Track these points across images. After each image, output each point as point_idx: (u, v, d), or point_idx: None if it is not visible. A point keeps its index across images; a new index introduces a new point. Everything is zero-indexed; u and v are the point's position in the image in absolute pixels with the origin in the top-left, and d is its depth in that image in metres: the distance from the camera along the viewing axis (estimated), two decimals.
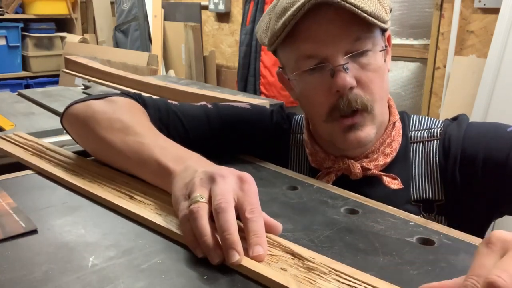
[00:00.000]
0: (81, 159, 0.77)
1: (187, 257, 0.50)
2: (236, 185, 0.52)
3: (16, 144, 0.84)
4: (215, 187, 0.51)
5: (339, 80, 0.68)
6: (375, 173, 0.76)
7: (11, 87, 3.61)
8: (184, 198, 0.53)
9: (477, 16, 2.20)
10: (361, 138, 0.72)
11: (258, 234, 0.48)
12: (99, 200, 0.63)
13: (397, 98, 2.57)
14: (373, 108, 0.71)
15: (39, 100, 1.31)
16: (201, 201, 0.50)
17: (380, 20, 0.68)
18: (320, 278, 0.45)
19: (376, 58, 0.71)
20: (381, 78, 0.72)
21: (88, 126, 0.71)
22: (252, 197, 0.51)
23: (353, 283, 0.44)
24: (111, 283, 0.45)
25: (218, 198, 0.49)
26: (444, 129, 0.78)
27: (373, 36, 0.70)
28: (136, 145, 0.65)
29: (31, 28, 3.88)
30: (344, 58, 0.68)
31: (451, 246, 0.54)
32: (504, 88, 2.04)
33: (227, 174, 0.52)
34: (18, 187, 0.68)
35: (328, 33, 0.68)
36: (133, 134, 0.66)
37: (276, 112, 0.90)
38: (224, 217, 0.47)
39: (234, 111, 0.87)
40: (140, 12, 3.75)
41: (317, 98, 0.72)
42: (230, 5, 3.45)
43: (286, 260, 0.48)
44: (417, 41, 2.49)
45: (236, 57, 3.34)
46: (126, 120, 0.69)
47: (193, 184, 0.52)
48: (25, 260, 0.49)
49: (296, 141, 0.86)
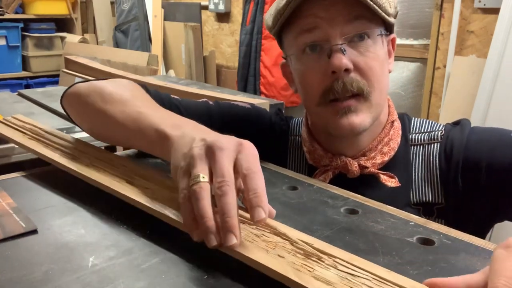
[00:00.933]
0: (82, 143, 0.76)
1: (187, 257, 0.51)
2: (235, 152, 0.50)
3: (14, 128, 0.84)
4: (215, 165, 0.48)
5: (335, 60, 0.68)
6: (372, 171, 0.76)
7: (11, 87, 3.61)
8: (183, 173, 0.50)
9: (477, 16, 2.20)
10: (355, 124, 0.70)
11: (257, 193, 0.46)
12: (95, 184, 0.63)
13: (397, 98, 2.57)
14: (370, 94, 0.71)
15: (39, 100, 1.31)
16: (203, 181, 0.48)
17: (382, 9, 0.68)
18: (319, 265, 0.44)
19: (376, 47, 0.71)
20: (381, 68, 0.72)
21: (89, 101, 0.71)
22: (250, 158, 0.49)
23: (352, 270, 0.43)
24: (111, 283, 0.45)
25: (219, 180, 0.47)
26: (445, 132, 0.77)
27: (373, 26, 0.70)
28: (135, 114, 0.64)
29: (31, 28, 3.88)
30: (343, 38, 0.69)
31: (451, 246, 0.54)
32: (504, 88, 2.04)
33: (225, 144, 0.50)
34: (18, 187, 0.68)
35: (329, 12, 0.69)
36: (133, 105, 0.66)
37: (275, 114, 0.91)
38: (225, 200, 0.46)
39: (235, 110, 0.88)
40: (140, 12, 3.75)
41: (313, 79, 0.72)
42: (230, 5, 3.45)
43: (284, 246, 0.47)
44: (417, 41, 2.49)
45: (236, 57, 3.34)
46: (127, 94, 0.69)
47: (192, 157, 0.50)
48: (25, 260, 0.49)
49: (294, 143, 0.87)
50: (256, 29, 3.04)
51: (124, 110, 0.66)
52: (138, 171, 0.65)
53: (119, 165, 0.67)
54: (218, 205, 0.46)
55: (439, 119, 2.33)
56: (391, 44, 0.78)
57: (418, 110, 2.50)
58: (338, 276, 0.42)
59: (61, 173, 0.75)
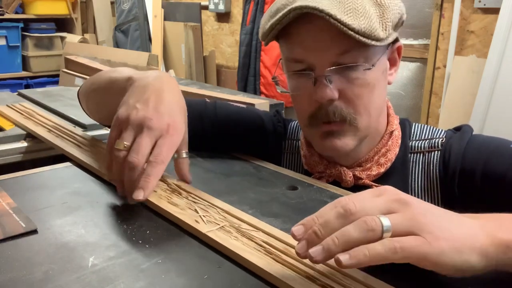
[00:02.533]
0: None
1: (187, 257, 0.51)
2: (158, 136, 0.61)
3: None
4: (137, 140, 0.60)
5: (319, 92, 0.67)
6: (367, 183, 0.74)
7: (11, 87, 3.61)
8: (117, 124, 0.63)
9: (477, 16, 2.20)
10: (336, 146, 0.70)
11: (147, 178, 0.59)
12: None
13: (397, 98, 2.57)
14: (355, 121, 0.69)
15: (39, 100, 1.31)
16: (123, 149, 0.60)
17: (371, 38, 0.64)
18: (177, 196, 0.62)
19: (367, 73, 0.68)
20: (371, 92, 0.69)
21: (93, 85, 0.83)
22: (164, 148, 0.61)
23: (197, 200, 0.62)
24: (111, 283, 0.45)
25: (131, 154, 0.60)
26: (446, 140, 0.75)
27: (366, 51, 0.67)
28: (115, 74, 0.75)
29: (31, 28, 3.87)
30: (328, 70, 0.67)
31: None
32: (504, 88, 2.04)
33: (154, 125, 0.61)
34: (18, 187, 0.68)
35: (316, 41, 0.67)
36: (119, 72, 0.75)
37: (272, 116, 0.89)
38: (130, 175, 0.60)
39: (226, 110, 0.87)
40: (140, 12, 3.75)
41: (300, 103, 0.72)
42: (230, 5, 3.46)
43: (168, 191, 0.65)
44: (417, 41, 2.49)
45: (236, 57, 3.34)
46: (120, 70, 0.77)
47: (127, 121, 0.62)
48: (25, 260, 0.49)
49: (291, 147, 0.85)
50: (256, 29, 3.04)
51: (109, 75, 0.77)
52: None
53: None
54: (124, 176, 0.60)
55: (439, 119, 2.33)
56: (396, 52, 0.76)
57: (418, 110, 2.50)
58: (186, 202, 0.61)
59: (61, 173, 0.75)
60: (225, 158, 0.84)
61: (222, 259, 0.50)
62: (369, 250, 0.41)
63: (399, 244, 0.41)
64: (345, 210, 0.43)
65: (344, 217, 0.43)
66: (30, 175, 0.73)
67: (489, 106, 2.08)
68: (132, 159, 0.59)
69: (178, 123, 0.63)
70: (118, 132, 0.63)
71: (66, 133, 0.90)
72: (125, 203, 0.64)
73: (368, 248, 0.41)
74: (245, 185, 0.73)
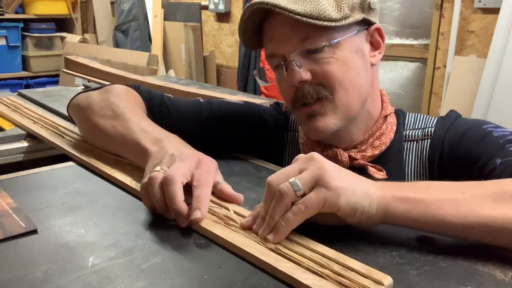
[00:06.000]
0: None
1: (187, 257, 0.51)
2: (193, 166, 0.61)
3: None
4: (171, 167, 0.60)
5: (289, 76, 0.73)
6: (361, 163, 0.77)
7: (11, 87, 3.61)
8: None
9: (477, 16, 2.20)
10: (319, 127, 0.74)
11: (199, 199, 0.58)
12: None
13: (397, 98, 2.57)
14: (331, 97, 0.73)
15: (39, 100, 1.31)
16: (160, 171, 0.60)
17: (321, 19, 0.68)
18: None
19: (332, 51, 0.71)
20: (343, 70, 0.72)
21: (86, 115, 0.81)
22: (202, 173, 0.61)
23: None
24: (111, 283, 0.45)
25: (167, 174, 0.59)
26: (435, 127, 0.78)
27: (327, 33, 0.71)
28: (122, 129, 0.74)
29: (31, 28, 3.87)
30: (292, 55, 0.72)
31: (451, 246, 0.54)
32: (504, 88, 2.04)
33: (186, 157, 0.62)
34: (18, 187, 0.68)
35: (281, 33, 0.73)
36: (121, 119, 0.75)
37: (272, 109, 0.91)
38: (171, 188, 0.57)
39: (224, 107, 0.88)
40: (140, 12, 3.75)
41: (283, 92, 0.78)
42: (230, 5, 3.45)
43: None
44: (417, 41, 2.49)
45: (236, 57, 3.34)
46: (116, 108, 0.78)
47: (160, 163, 0.62)
48: (25, 260, 0.49)
49: (292, 138, 0.87)
50: None
51: (113, 124, 0.76)
52: None
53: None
54: (165, 193, 0.58)
55: None
56: (377, 35, 0.77)
57: (418, 110, 2.50)
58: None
59: (61, 173, 0.75)
60: (225, 158, 0.84)
61: (222, 259, 0.50)
62: (284, 221, 0.51)
63: (303, 205, 0.51)
64: (268, 183, 0.53)
65: (270, 191, 0.53)
66: (30, 175, 0.73)
67: (489, 106, 2.08)
68: (165, 176, 0.59)
69: (206, 156, 0.65)
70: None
71: (66, 133, 0.90)
72: (125, 203, 0.64)
73: (284, 219, 0.51)
74: (245, 185, 0.73)
